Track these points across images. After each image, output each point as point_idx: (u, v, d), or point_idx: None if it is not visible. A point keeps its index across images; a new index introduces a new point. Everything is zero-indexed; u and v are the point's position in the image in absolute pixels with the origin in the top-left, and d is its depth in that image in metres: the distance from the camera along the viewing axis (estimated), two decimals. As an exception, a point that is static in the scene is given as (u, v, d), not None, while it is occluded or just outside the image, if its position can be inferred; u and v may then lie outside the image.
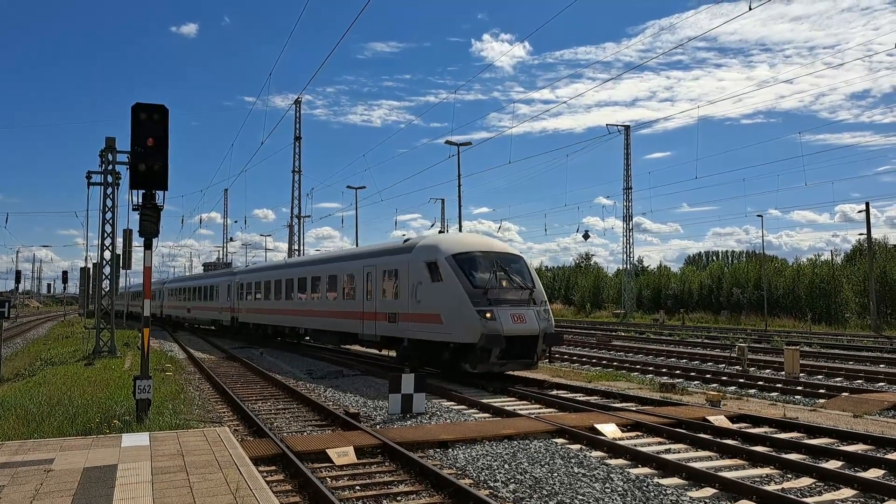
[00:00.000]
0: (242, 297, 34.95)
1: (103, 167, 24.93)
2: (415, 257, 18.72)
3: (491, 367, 16.60)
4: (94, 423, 11.05)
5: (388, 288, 20.06)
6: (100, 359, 23.52)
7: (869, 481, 8.20)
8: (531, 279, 18.15)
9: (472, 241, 18.75)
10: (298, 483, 8.39)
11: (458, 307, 16.64)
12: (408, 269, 18.89)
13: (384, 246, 22.08)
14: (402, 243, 20.36)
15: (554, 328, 17.76)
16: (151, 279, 12.27)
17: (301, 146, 59.14)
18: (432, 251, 18.19)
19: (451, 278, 17.12)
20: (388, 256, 20.46)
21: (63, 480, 7.21)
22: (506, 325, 16.28)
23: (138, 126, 11.32)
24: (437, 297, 17.40)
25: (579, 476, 8.66)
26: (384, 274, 20.36)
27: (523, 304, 17.16)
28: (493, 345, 16.04)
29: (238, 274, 36.88)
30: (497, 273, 17.39)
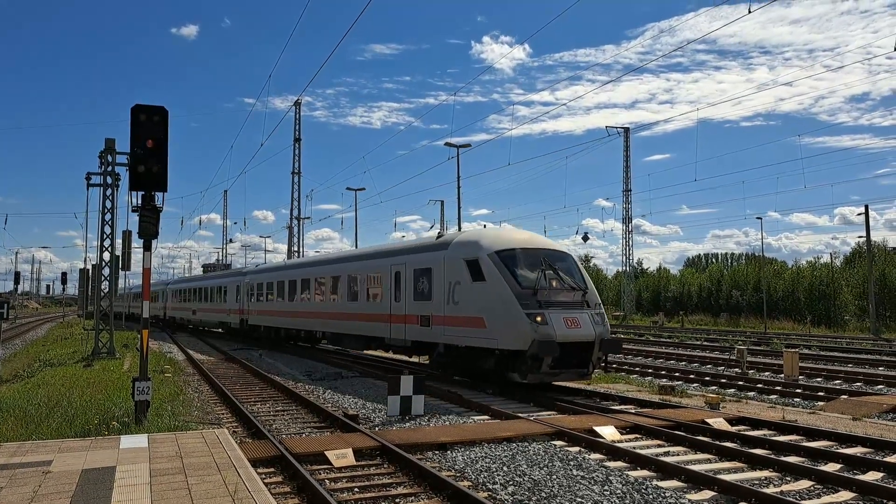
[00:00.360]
0: (253, 299, 33.35)
1: (103, 168, 24.92)
2: (452, 254, 17.14)
3: (542, 377, 15.12)
4: (92, 424, 11.04)
5: (420, 288, 18.38)
6: (99, 360, 23.51)
7: (868, 484, 8.20)
8: (582, 279, 16.60)
9: (515, 237, 17.11)
10: (297, 485, 8.39)
11: (504, 310, 15.13)
12: (443, 268, 17.33)
13: (415, 243, 20.65)
14: (435, 239, 18.92)
15: (610, 334, 16.35)
16: (153, 280, 12.27)
17: (301, 148, 59.16)
18: (472, 248, 16.60)
19: (495, 278, 15.57)
20: (419, 254, 18.86)
21: (61, 482, 7.20)
22: (559, 331, 14.77)
23: (138, 127, 11.32)
24: (479, 299, 15.86)
25: (578, 478, 8.66)
26: (415, 273, 18.71)
27: (576, 307, 15.63)
28: (545, 352, 14.49)
29: (248, 274, 35.18)
30: (545, 272, 15.74)
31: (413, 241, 21.12)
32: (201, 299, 43.45)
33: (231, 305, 36.61)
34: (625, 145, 66.46)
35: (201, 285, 44.36)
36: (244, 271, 37.04)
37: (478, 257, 16.20)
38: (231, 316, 36.59)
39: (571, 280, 16.23)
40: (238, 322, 35.38)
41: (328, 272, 25.08)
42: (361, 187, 55.99)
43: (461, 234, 18.03)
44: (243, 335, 35.36)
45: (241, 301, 34.93)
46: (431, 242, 18.79)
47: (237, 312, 35.57)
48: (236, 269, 43.06)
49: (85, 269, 37.39)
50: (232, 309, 36.47)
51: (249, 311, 33.87)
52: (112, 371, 19.85)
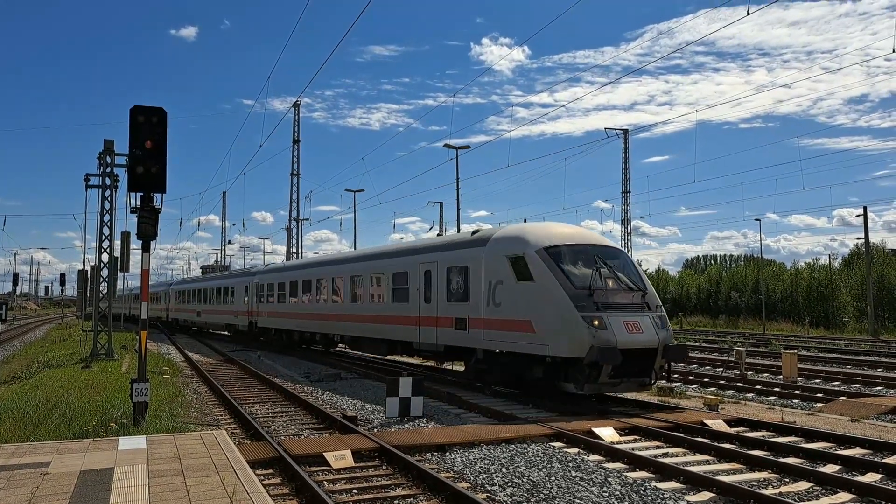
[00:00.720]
0: (263, 300, 31.70)
1: (101, 170, 24.91)
2: (492, 251, 15.68)
3: (600, 387, 13.74)
4: (90, 426, 11.03)
5: (454, 288, 16.94)
6: (97, 361, 23.49)
7: (866, 485, 8.20)
8: (640, 278, 15.20)
9: (562, 232, 15.63)
10: (295, 486, 8.38)
11: (557, 313, 13.67)
12: (482, 266, 15.87)
13: (447, 239, 19.14)
14: (470, 235, 17.43)
15: (674, 340, 14.94)
16: (156, 281, 12.29)
17: (299, 149, 59.14)
18: (517, 243, 15.11)
19: (545, 277, 14.09)
20: (453, 251, 17.41)
21: (59, 483, 7.18)
22: (619, 336, 13.36)
23: (136, 129, 11.31)
24: (526, 300, 14.41)
25: (577, 480, 8.65)
26: (448, 272, 17.24)
27: (636, 310, 14.16)
28: (606, 360, 13.03)
29: (258, 274, 33.51)
30: (600, 270, 14.32)
31: (445, 238, 19.47)
32: (206, 300, 42.07)
33: (239, 307, 35.22)
34: (624, 147, 66.49)
35: (206, 286, 42.82)
36: (253, 271, 35.48)
37: (524, 254, 14.69)
38: (239, 318, 35.18)
39: (629, 279, 14.78)
40: (246, 324, 33.96)
41: (348, 271, 23.53)
42: (360, 189, 56.10)
43: (502, 229, 16.49)
44: (252, 338, 34.06)
45: (250, 302, 33.47)
46: (467, 238, 17.40)
47: (245, 314, 34.09)
48: (244, 269, 41.37)
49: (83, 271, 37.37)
50: (240, 310, 35.04)
51: (259, 313, 32.37)
52: (110, 372, 19.83)
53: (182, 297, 48.90)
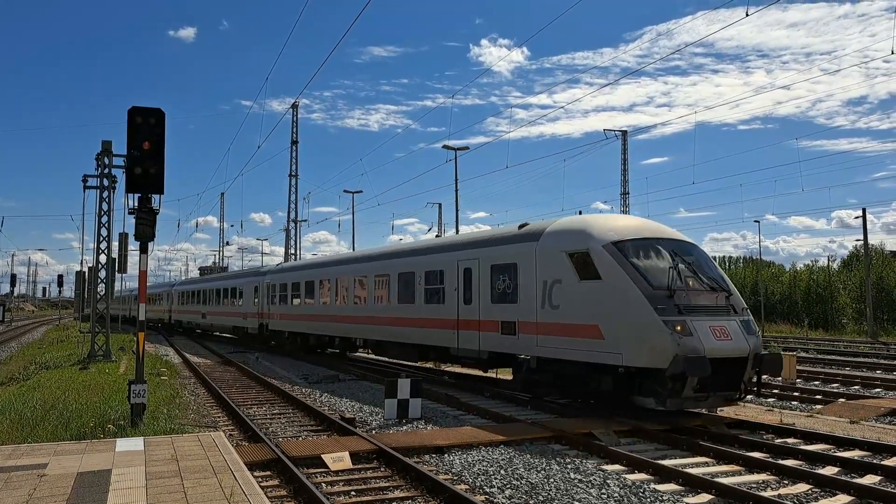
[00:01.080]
0: (275, 301, 29.88)
1: (99, 171, 24.92)
2: (547, 247, 14.13)
3: (684, 402, 12.01)
4: (88, 427, 11.01)
5: (500, 288, 15.43)
6: (95, 363, 23.46)
7: (865, 487, 8.19)
8: (722, 276, 13.62)
9: (630, 224, 14.14)
10: (293, 488, 8.35)
11: (632, 316, 12.07)
12: (534, 263, 14.33)
13: (490, 234, 17.33)
14: (517, 229, 15.81)
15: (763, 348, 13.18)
16: (156, 282, 12.25)
17: (298, 150, 59.13)
18: (578, 237, 13.52)
19: (616, 275, 12.51)
20: (498, 247, 15.87)
21: (56, 485, 7.16)
22: (707, 343, 11.68)
23: (134, 130, 11.31)
24: (592, 302, 12.83)
25: (575, 482, 8.63)
26: (493, 270, 15.73)
27: (722, 313, 12.53)
28: (693, 371, 11.35)
29: (269, 274, 31.65)
30: (678, 267, 12.72)
31: (487, 233, 17.86)
32: (212, 302, 40.26)
33: (248, 308, 33.45)
34: (623, 148, 66.48)
35: (212, 286, 40.81)
36: (263, 270, 33.74)
37: (588, 249, 13.11)
38: (248, 320, 33.33)
39: (710, 278, 13.15)
40: (256, 327, 32.09)
41: (372, 270, 21.82)
42: (359, 190, 55.97)
43: (557, 222, 14.84)
44: (262, 341, 32.24)
45: (260, 303, 31.66)
46: (513, 233, 15.79)
47: (255, 316, 32.27)
48: (254, 269, 39.44)
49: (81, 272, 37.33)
50: (249, 312, 33.22)
51: (270, 315, 30.46)
52: (108, 374, 19.80)
53: (185, 298, 47.28)
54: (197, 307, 43.63)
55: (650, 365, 11.81)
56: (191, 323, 45.59)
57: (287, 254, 60.39)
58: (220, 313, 38.43)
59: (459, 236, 19.35)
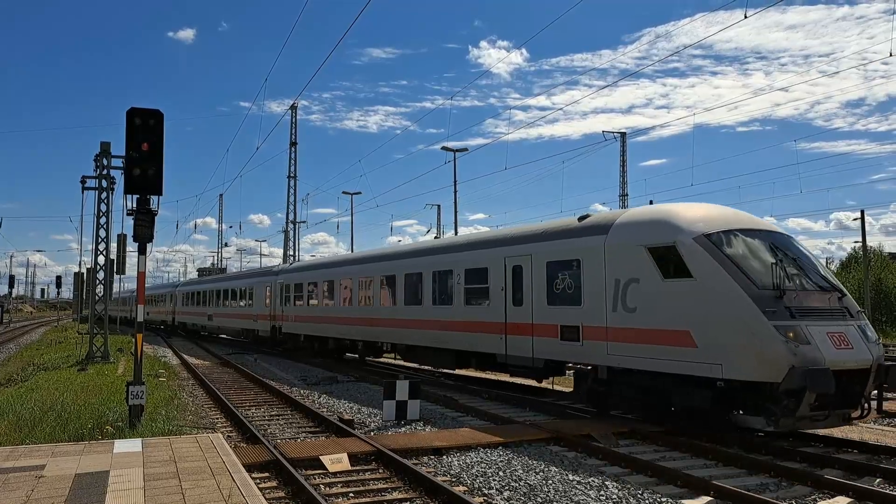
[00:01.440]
0: (289, 302, 28.16)
1: (98, 172, 24.92)
2: (620, 240, 12.49)
3: (797, 422, 10.33)
4: (86, 428, 10.99)
5: (559, 287, 13.84)
6: (93, 364, 23.44)
7: (865, 489, 8.18)
8: (831, 275, 12.11)
9: (719, 213, 12.30)
10: (292, 490, 8.35)
11: (735, 321, 10.41)
12: (602, 259, 12.73)
13: (545, 227, 15.36)
14: (577, 221, 14.22)
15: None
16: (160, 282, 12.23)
17: (297, 152, 59.14)
18: (662, 229, 11.84)
19: (713, 273, 10.82)
20: (556, 241, 14.25)
21: (54, 487, 7.14)
22: (826, 353, 10.09)
23: (133, 131, 11.31)
24: (681, 304, 11.15)
25: (574, 484, 8.63)
26: (549, 267, 14.13)
27: (837, 317, 10.87)
28: (815, 386, 9.76)
29: (282, 273, 30.02)
30: (782, 264, 11.04)
31: (540, 226, 15.81)
32: (219, 303, 38.32)
33: (259, 309, 31.69)
34: (621, 150, 66.56)
35: (219, 287, 38.89)
36: (276, 269, 32.10)
37: (675, 243, 11.43)
38: (259, 322, 31.52)
39: (818, 275, 11.53)
40: (268, 329, 30.23)
41: (402, 268, 20.10)
42: (357, 191, 55.84)
43: (629, 213, 13.26)
44: (274, 345, 30.62)
45: (273, 304, 29.92)
46: (573, 226, 14.18)
47: (267, 318, 30.47)
48: (265, 268, 37.86)
49: (80, 273, 37.35)
50: (260, 314, 31.46)
51: (284, 317, 28.65)
52: (106, 375, 19.78)
53: (190, 298, 45.45)
54: (202, 308, 41.99)
55: (759, 378, 10.18)
56: (196, 325, 44.02)
57: (286, 255, 60.37)
58: (228, 315, 36.67)
59: (506, 230, 17.44)
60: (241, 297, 34.54)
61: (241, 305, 34.61)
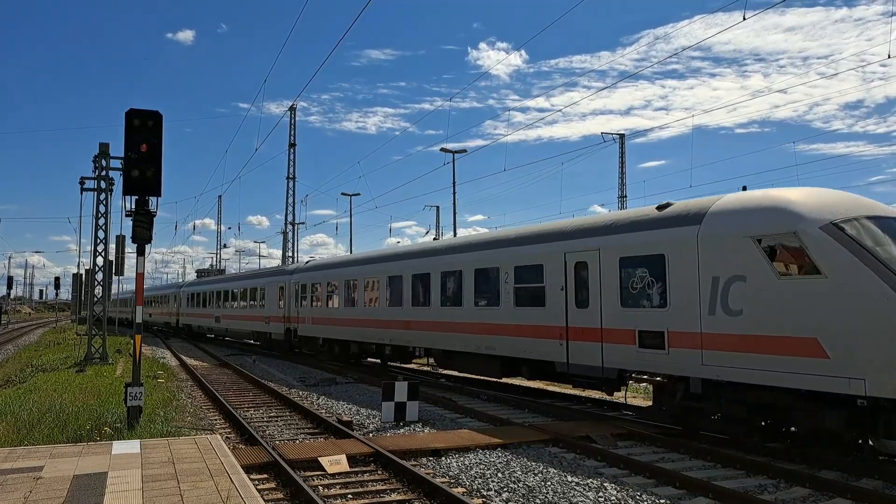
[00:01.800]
0: (305, 303, 26.61)
1: (97, 173, 24.88)
2: (718, 230, 10.83)
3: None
4: (84, 430, 10.98)
5: (637, 287, 12.22)
6: (91, 365, 23.40)
7: (864, 490, 8.18)
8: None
9: (844, 199, 10.49)
10: (290, 491, 8.34)
11: (886, 328, 8.79)
12: (695, 253, 11.08)
13: (614, 217, 13.64)
14: (655, 211, 12.53)
15: None
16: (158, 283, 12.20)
17: (295, 153, 59.14)
18: (778, 217, 10.14)
19: (851, 269, 9.18)
20: (631, 234, 12.57)
21: (52, 488, 7.13)
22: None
23: (132, 132, 11.31)
24: (805, 306, 9.53)
25: (573, 485, 8.63)
26: (622, 264, 12.53)
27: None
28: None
29: (298, 272, 28.27)
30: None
31: (609, 216, 14.09)
32: (227, 304, 36.61)
33: (271, 311, 30.08)
34: (620, 152, 66.56)
35: (228, 287, 37.12)
36: (290, 269, 30.38)
37: (797, 232, 9.75)
38: (271, 324, 29.93)
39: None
40: (282, 332, 28.76)
41: (438, 265, 18.34)
42: (357, 192, 55.78)
43: (725, 199, 11.40)
44: (289, 348, 28.87)
45: (287, 306, 28.33)
46: (653, 216, 12.43)
47: (281, 320, 28.94)
48: (278, 267, 36.09)
49: (78, 274, 37.30)
50: (273, 315, 29.86)
51: (300, 319, 27.01)
52: (105, 376, 19.75)
53: (196, 299, 43.59)
54: (209, 310, 40.16)
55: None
56: (201, 327, 42.28)
57: (284, 256, 60.38)
58: (237, 317, 34.93)
59: (563, 223, 15.30)
60: (252, 297, 32.96)
61: (251, 307, 32.92)
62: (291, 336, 27.85)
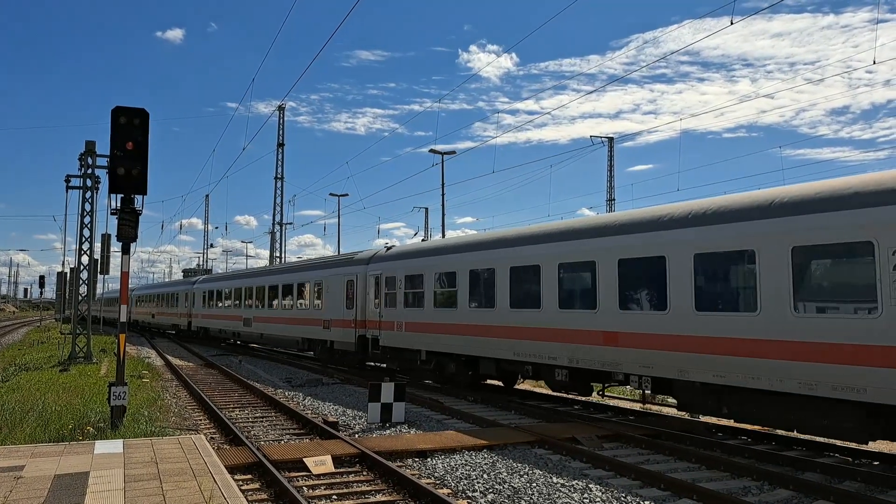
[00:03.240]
0: (389, 302, 20.29)
1: (82, 171, 24.69)
2: None
3: None
4: (67, 429, 10.87)
5: None
6: (75, 365, 23.19)
7: (846, 492, 8.23)
8: None
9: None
10: (274, 492, 8.29)
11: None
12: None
13: (798, 192, 10.16)
14: (862, 183, 9.24)
15: None
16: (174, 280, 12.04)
17: (284, 153, 58.93)
18: None
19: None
20: (825, 214, 9.35)
21: (33, 487, 7.05)
22: None
23: (118, 130, 11.21)
24: None
25: (558, 486, 8.63)
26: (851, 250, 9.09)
27: None
28: None
29: (377, 261, 21.64)
30: None
31: (790, 190, 10.39)
32: (262, 303, 30.14)
33: (333, 313, 23.50)
34: (609, 155, 66.75)
35: (264, 282, 30.38)
36: (362, 257, 22.91)
37: None
38: (334, 330, 23.40)
39: None
40: (352, 340, 22.16)
41: (611, 253, 12.86)
42: (345, 193, 55.58)
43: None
44: (362, 361, 22.93)
45: (362, 306, 21.92)
46: (864, 185, 9.16)
47: (349, 324, 22.37)
48: (342, 256, 26.79)
49: (63, 273, 36.93)
50: (336, 318, 23.30)
51: (382, 324, 20.55)
52: (88, 376, 19.59)
53: (216, 298, 36.76)
54: (234, 310, 33.50)
55: None
56: (224, 331, 35.38)
57: (272, 256, 60.14)
58: (279, 319, 28.27)
59: (737, 198, 10.97)
60: (302, 295, 26.59)
61: (300, 307, 26.60)
62: (368, 346, 21.62)
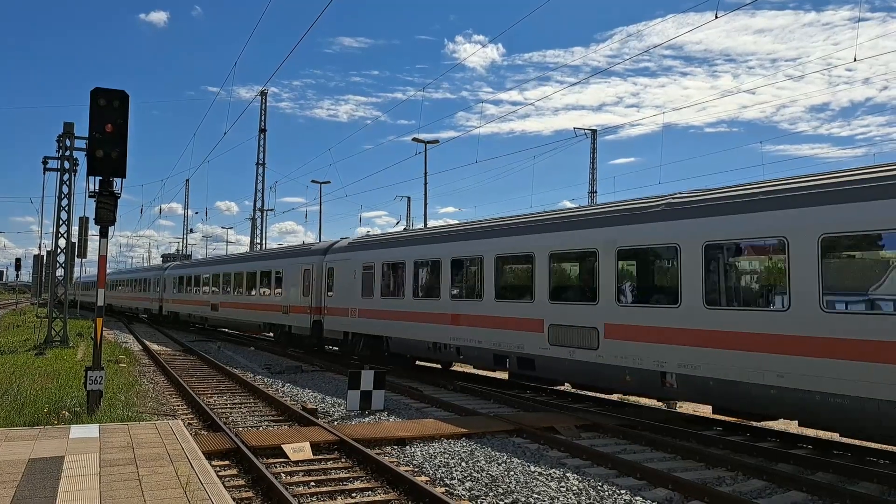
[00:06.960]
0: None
1: (60, 153, 24.35)
2: None
3: None
4: (42, 413, 10.75)
5: None
6: (51, 349, 22.96)
7: (818, 483, 8.36)
8: None
9: None
10: (252, 478, 8.28)
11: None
12: None
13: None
14: None
15: None
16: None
17: (266, 139, 58.47)
18: None
19: None
20: None
21: (6, 472, 6.98)
22: None
23: (97, 111, 11.04)
24: None
25: (535, 475, 8.69)
26: None
27: None
28: None
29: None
30: None
31: None
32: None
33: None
34: (592, 147, 66.92)
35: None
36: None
37: None
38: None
39: None
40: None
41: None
42: (327, 180, 55.30)
43: None
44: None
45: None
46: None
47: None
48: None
49: (40, 256, 36.47)
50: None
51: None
52: (65, 360, 19.39)
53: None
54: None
55: None
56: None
57: (252, 243, 59.72)
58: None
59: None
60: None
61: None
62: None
